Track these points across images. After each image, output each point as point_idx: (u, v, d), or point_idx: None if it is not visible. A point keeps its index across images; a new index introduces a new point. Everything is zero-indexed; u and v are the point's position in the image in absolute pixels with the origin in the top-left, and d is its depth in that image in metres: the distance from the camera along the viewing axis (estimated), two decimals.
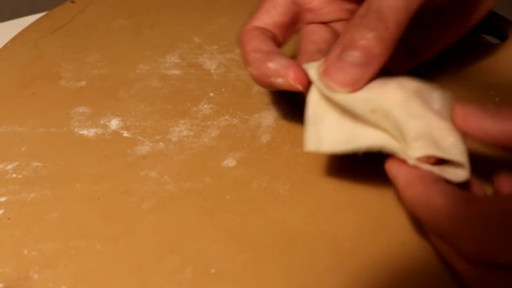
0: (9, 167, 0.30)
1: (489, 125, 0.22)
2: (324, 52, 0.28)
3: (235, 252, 0.25)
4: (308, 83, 0.26)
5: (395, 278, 0.24)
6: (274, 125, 0.32)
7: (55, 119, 0.33)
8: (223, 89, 0.35)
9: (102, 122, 0.33)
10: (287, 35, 0.30)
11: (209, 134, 0.32)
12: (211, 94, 0.35)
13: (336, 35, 0.30)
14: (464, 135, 0.23)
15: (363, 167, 0.29)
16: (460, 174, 0.23)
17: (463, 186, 0.23)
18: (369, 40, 0.24)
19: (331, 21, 0.31)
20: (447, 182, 0.22)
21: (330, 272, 0.24)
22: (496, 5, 0.39)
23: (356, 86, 0.24)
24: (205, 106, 0.34)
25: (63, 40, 0.40)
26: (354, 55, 0.24)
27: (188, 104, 0.34)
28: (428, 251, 0.25)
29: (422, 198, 0.22)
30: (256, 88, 0.35)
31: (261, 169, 0.29)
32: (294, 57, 0.30)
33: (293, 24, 0.30)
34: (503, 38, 0.40)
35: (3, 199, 0.28)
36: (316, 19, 0.30)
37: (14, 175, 0.29)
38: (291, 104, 0.33)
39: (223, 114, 0.33)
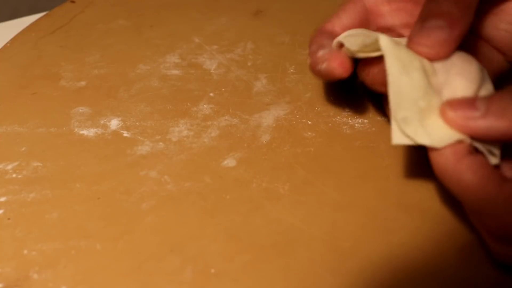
0: (9, 167, 0.30)
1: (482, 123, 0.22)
2: None
3: (235, 252, 0.25)
4: (351, 69, 0.28)
5: (395, 278, 0.24)
6: (274, 125, 0.32)
7: (55, 119, 0.33)
8: (223, 89, 0.35)
9: (102, 122, 0.33)
10: None
11: (209, 134, 0.32)
12: (211, 94, 0.35)
13: None
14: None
15: (362, 167, 0.29)
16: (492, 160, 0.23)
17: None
18: (447, 4, 0.25)
19: (399, 26, 0.32)
20: (479, 156, 0.23)
21: (330, 272, 0.24)
22: None
23: (443, 49, 0.25)
24: (205, 106, 0.34)
25: (63, 40, 0.40)
26: (436, 21, 0.25)
27: (188, 104, 0.34)
28: (428, 251, 0.25)
29: (452, 170, 0.22)
30: (256, 88, 0.35)
31: (261, 169, 0.29)
32: None
33: (361, 27, 0.31)
34: None
35: (3, 199, 0.28)
36: (385, 24, 0.32)
37: (14, 175, 0.29)
38: (292, 104, 0.33)
39: (223, 114, 0.33)
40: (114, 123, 0.32)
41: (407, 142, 0.23)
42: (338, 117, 0.32)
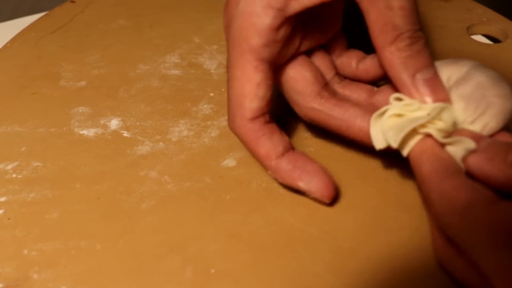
0: (9, 167, 0.30)
1: (487, 167, 0.22)
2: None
3: (235, 252, 0.25)
4: (335, 194, 0.27)
5: (395, 278, 0.24)
6: None
7: (55, 119, 0.33)
8: (223, 89, 0.35)
9: (102, 122, 0.33)
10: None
11: (209, 134, 0.32)
12: (211, 94, 0.35)
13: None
14: None
15: (362, 167, 0.29)
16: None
17: None
18: (428, 50, 0.26)
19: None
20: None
21: (329, 272, 0.24)
22: (496, 5, 0.39)
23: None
24: (205, 106, 0.34)
25: (63, 40, 0.40)
26: (431, 70, 0.25)
27: (188, 104, 0.34)
28: (428, 251, 0.25)
29: (446, 187, 0.22)
30: None
31: (261, 169, 0.29)
32: None
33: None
34: (503, 38, 0.40)
35: (3, 199, 0.28)
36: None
37: (14, 175, 0.29)
38: None
39: (223, 114, 0.33)
40: (114, 123, 0.32)
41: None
42: None
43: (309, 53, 0.30)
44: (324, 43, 0.30)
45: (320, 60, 0.30)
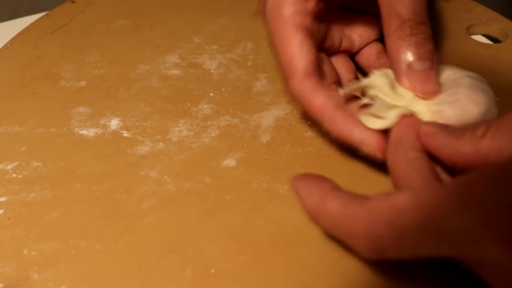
0: (9, 167, 0.30)
1: (457, 144, 0.23)
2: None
3: (235, 252, 0.25)
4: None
5: (394, 277, 0.24)
6: (274, 125, 0.32)
7: (55, 119, 0.33)
8: (223, 89, 0.35)
9: (102, 122, 0.33)
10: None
11: (209, 134, 0.32)
12: (211, 94, 0.35)
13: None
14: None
15: (362, 166, 0.29)
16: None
17: None
18: (429, 45, 0.27)
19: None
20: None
21: (329, 272, 0.24)
22: (496, 5, 0.39)
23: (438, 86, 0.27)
24: (205, 106, 0.34)
25: (63, 40, 0.40)
26: (425, 63, 0.26)
27: (188, 104, 0.34)
28: None
29: (319, 204, 0.23)
30: (256, 88, 0.35)
31: (261, 169, 0.29)
32: None
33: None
34: (503, 38, 0.40)
35: (3, 199, 0.28)
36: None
37: (14, 175, 0.29)
38: (291, 104, 0.33)
39: (223, 114, 0.33)
40: (114, 123, 0.32)
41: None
42: None
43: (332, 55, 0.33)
44: (369, 41, 0.34)
45: (341, 63, 0.33)
